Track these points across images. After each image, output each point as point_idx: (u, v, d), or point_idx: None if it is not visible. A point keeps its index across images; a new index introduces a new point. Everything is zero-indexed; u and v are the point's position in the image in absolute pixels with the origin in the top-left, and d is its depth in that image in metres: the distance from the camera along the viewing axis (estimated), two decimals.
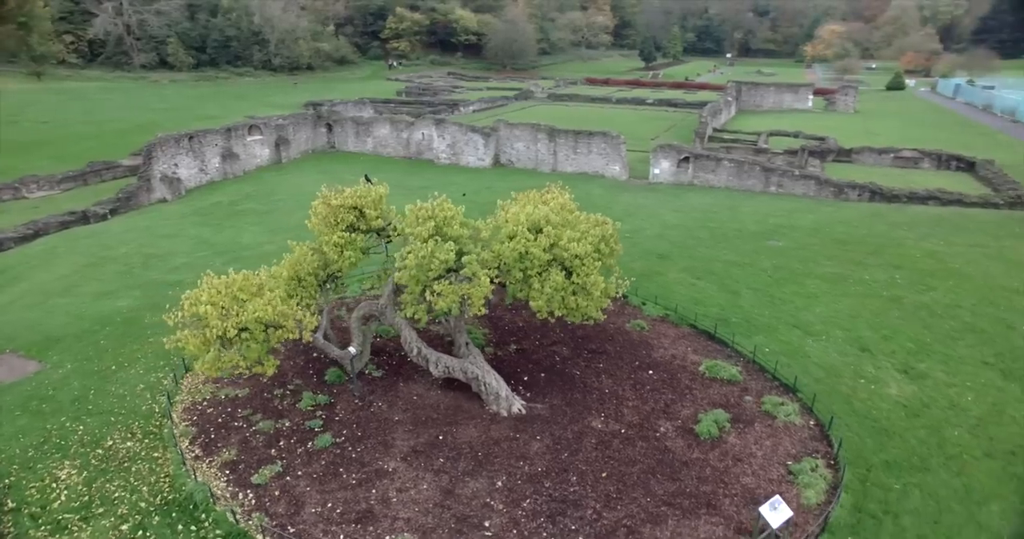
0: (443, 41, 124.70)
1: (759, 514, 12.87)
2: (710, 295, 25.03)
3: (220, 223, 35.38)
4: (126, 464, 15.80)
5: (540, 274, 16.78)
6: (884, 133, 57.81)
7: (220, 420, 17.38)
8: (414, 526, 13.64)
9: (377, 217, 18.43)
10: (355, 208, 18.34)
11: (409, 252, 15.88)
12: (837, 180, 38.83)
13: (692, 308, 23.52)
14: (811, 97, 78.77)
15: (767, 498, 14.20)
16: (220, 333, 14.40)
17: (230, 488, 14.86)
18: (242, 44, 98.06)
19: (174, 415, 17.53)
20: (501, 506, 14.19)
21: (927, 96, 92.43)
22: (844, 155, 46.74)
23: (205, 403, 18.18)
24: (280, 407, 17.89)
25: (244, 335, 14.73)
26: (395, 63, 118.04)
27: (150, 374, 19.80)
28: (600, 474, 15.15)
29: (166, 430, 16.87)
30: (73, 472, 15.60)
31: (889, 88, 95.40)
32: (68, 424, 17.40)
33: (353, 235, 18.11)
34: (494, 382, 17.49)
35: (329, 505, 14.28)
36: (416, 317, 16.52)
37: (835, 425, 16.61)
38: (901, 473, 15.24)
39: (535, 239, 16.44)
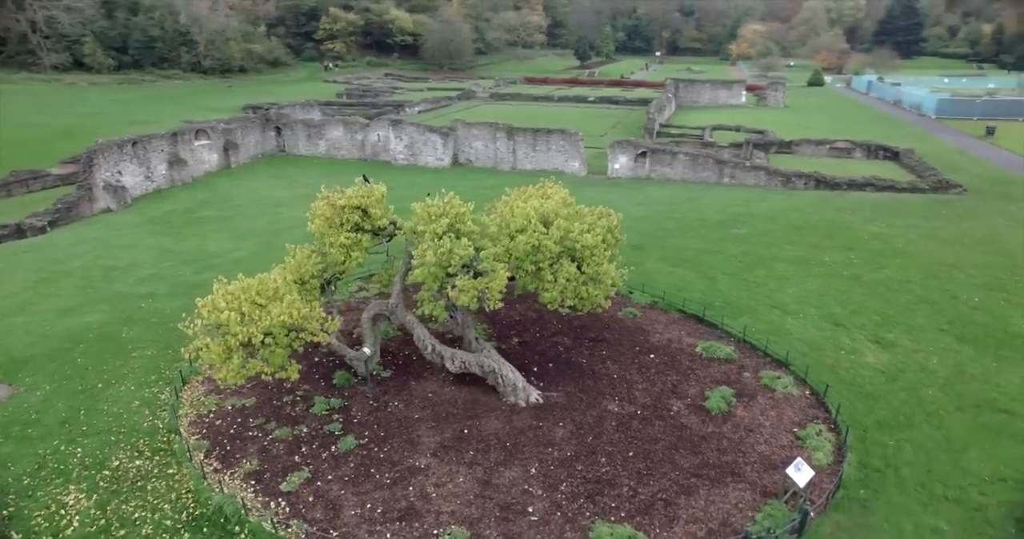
0: (379, 42, 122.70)
1: (786, 475, 13.88)
2: (690, 282, 26.27)
3: (180, 231, 33.75)
4: (139, 483, 15.08)
5: (551, 266, 17.27)
6: (814, 126, 61.90)
7: (232, 431, 16.84)
8: (459, 518, 13.81)
9: (382, 216, 18.35)
10: (358, 208, 18.18)
11: (427, 249, 15.97)
12: (785, 170, 41.45)
13: (676, 294, 24.63)
14: (744, 93, 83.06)
15: (784, 463, 15.31)
16: (244, 340, 14.01)
17: (260, 498, 14.49)
18: (168, 45, 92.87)
19: (181, 429, 16.83)
20: (540, 491, 14.58)
21: (843, 91, 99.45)
22: (785, 147, 49.81)
23: (212, 415, 17.55)
24: (293, 414, 17.51)
25: (268, 340, 14.41)
26: (331, 65, 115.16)
27: (143, 389, 18.86)
28: (627, 453, 15.80)
29: (176, 445, 16.18)
30: (81, 496, 14.74)
31: (810, 84, 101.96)
32: (63, 447, 16.36)
33: (358, 235, 17.97)
34: (510, 374, 17.82)
35: (368, 506, 14.21)
36: (434, 314, 16.64)
37: (829, 393, 18.00)
38: (892, 431, 16.74)
39: (547, 232, 16.89)
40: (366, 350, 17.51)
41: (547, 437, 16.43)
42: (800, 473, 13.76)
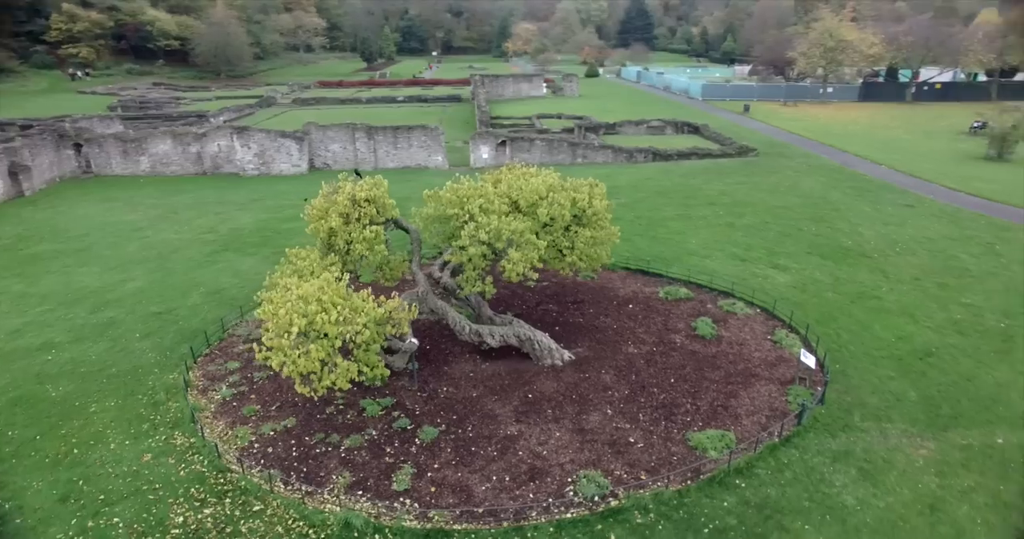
0: (137, 47, 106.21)
1: (800, 362, 17.78)
2: (614, 245, 29.63)
3: (21, 272, 27.28)
4: (228, 530, 13.32)
5: (565, 233, 19.03)
6: (616, 110, 71.04)
7: (295, 453, 15.50)
8: (581, 463, 15.02)
9: (394, 206, 18.16)
10: (368, 201, 17.75)
11: (477, 228, 16.53)
12: (627, 147, 47.77)
13: (612, 256, 27.85)
14: (544, 86, 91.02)
15: (779, 362, 19.36)
16: (348, 339, 13.31)
17: (380, 503, 13.93)
18: None
19: (233, 467, 15.00)
20: (627, 425, 16.43)
21: (617, 81, 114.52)
22: (610, 128, 56.87)
23: (257, 445, 15.84)
24: (349, 422, 16.64)
25: (362, 339, 13.83)
26: (80, 73, 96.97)
27: (144, 441, 16.08)
28: (669, 381, 18.39)
29: (243, 483, 14.48)
30: None
31: (587, 75, 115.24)
32: (91, 523, 13.53)
33: (377, 228, 17.60)
34: (544, 339, 19.17)
35: (494, 478, 14.62)
36: (485, 291, 17.27)
37: (776, 307, 22.74)
38: (826, 323, 21.95)
39: (562, 203, 18.55)
40: (414, 340, 17.34)
41: (600, 384, 18.25)
42: (808, 359, 17.77)
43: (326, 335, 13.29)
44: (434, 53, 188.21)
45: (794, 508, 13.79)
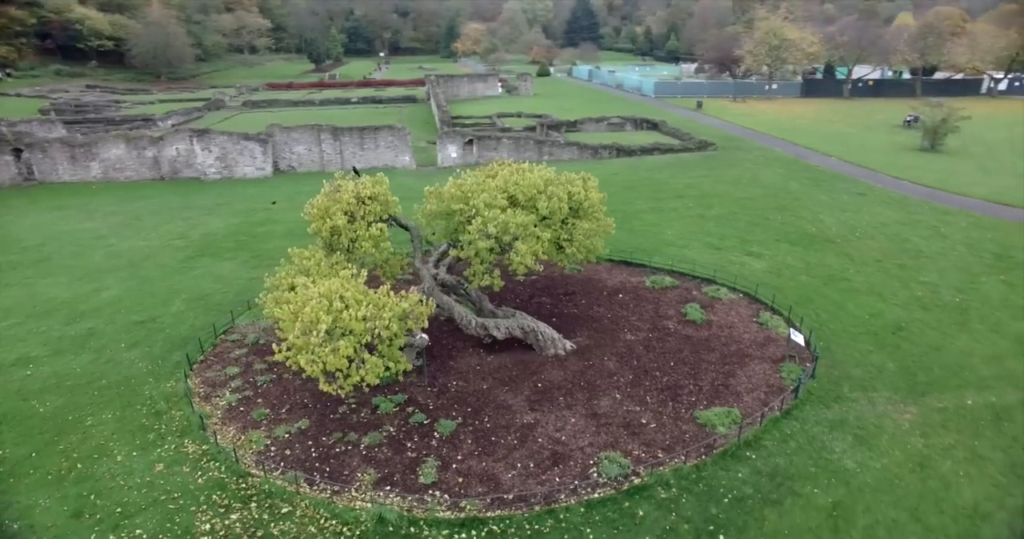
0: (66, 47, 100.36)
1: (790, 340, 18.85)
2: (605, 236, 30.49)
3: None
4: (259, 533, 13.16)
5: (563, 225, 19.53)
6: (573, 108, 72.26)
7: (315, 454, 15.39)
8: (600, 445, 15.53)
9: (396, 203, 18.21)
10: (372, 198, 17.75)
11: (484, 222, 16.80)
12: (592, 144, 48.76)
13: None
14: (500, 85, 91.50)
15: (767, 342, 20.44)
16: (374, 336, 13.36)
17: (410, 496, 14.04)
18: None
19: (253, 471, 14.79)
20: (637, 408, 17.06)
21: (569, 80, 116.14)
22: (572, 126, 57.84)
23: (273, 449, 15.63)
24: (365, 420, 16.63)
25: (388, 334, 13.90)
26: (1, 75, 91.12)
27: (152, 451, 15.61)
28: (669, 364, 19.15)
29: (266, 486, 14.30)
30: None
31: (539, 75, 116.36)
32: (113, 537, 13.09)
33: (381, 225, 17.63)
34: (547, 330, 19.60)
35: (519, 466, 14.94)
36: (494, 284, 17.57)
37: (758, 291, 23.92)
38: (805, 305, 23.25)
39: (561, 196, 19.04)
40: (424, 336, 17.44)
41: (605, 370, 18.83)
42: (798, 337, 18.88)
43: (351, 332, 13.31)
44: (382, 54, 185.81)
45: (802, 474, 14.73)
